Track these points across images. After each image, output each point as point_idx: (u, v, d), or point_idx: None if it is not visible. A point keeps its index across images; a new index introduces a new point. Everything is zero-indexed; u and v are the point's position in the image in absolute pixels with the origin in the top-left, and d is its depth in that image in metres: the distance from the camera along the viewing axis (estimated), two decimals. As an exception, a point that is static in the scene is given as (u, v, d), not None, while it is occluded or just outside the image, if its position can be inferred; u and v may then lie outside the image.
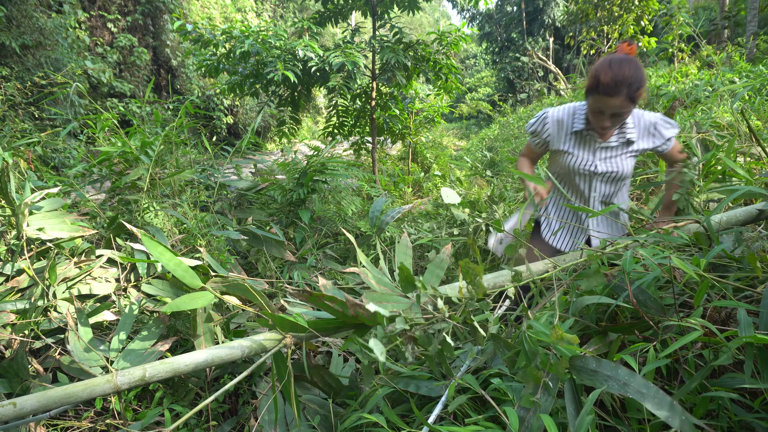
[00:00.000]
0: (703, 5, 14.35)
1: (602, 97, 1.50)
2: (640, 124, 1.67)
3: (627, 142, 1.66)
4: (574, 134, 1.71)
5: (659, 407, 0.70)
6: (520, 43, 20.42)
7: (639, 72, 1.49)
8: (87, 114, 7.30)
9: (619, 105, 1.49)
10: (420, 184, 6.46)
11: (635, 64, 1.50)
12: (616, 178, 1.70)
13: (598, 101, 1.52)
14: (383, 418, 1.05)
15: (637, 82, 1.48)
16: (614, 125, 1.59)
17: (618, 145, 1.67)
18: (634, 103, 1.52)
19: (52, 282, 1.75)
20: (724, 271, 1.02)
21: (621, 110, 1.52)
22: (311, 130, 17.53)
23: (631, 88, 1.47)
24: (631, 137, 1.64)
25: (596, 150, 1.69)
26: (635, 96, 1.49)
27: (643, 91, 1.51)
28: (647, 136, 1.66)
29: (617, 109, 1.51)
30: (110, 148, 2.42)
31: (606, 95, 1.49)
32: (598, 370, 0.79)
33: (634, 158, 1.70)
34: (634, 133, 1.65)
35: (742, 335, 0.75)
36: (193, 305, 1.21)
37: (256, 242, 2.69)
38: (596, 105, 1.54)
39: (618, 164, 1.67)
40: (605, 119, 1.56)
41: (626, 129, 1.65)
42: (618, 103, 1.49)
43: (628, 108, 1.51)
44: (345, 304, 1.11)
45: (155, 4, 10.98)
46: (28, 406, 0.94)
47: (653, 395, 0.72)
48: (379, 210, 2.32)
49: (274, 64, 4.30)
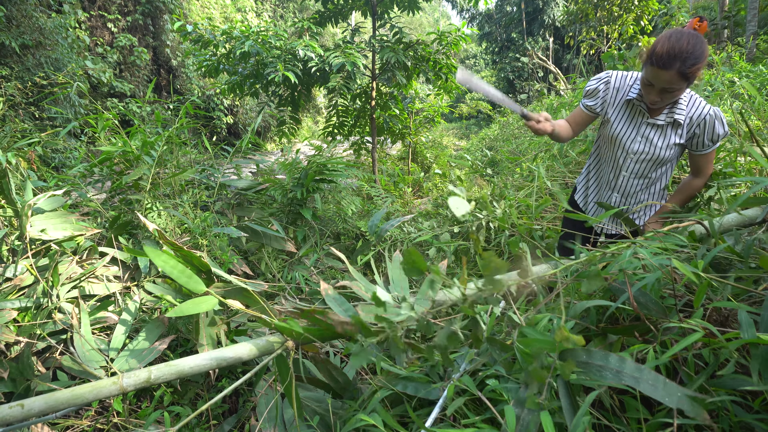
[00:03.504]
0: (703, 5, 14.35)
1: (654, 69, 1.42)
2: (692, 110, 1.54)
3: (674, 123, 1.56)
4: (626, 103, 1.63)
5: (654, 390, 0.70)
6: (520, 43, 20.42)
7: (698, 48, 1.38)
8: (87, 114, 7.30)
9: (669, 80, 1.40)
10: (420, 184, 6.46)
11: (697, 39, 1.39)
12: (649, 160, 1.61)
13: (649, 72, 1.44)
14: (380, 420, 1.05)
15: (693, 58, 1.37)
16: (664, 102, 1.50)
17: (664, 125, 1.57)
18: (688, 81, 1.42)
19: (55, 283, 1.75)
20: (724, 272, 1.03)
21: (671, 86, 1.42)
22: (311, 130, 17.53)
23: (685, 64, 1.37)
24: (679, 118, 1.53)
25: (640, 125, 1.60)
26: (688, 73, 1.38)
27: (699, 70, 1.40)
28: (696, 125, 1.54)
29: (667, 84, 1.42)
30: (111, 148, 2.42)
31: (658, 67, 1.40)
32: (590, 361, 0.78)
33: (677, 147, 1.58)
34: (683, 115, 1.53)
35: (744, 336, 0.75)
36: (197, 310, 1.21)
37: (257, 238, 2.69)
38: (648, 76, 1.46)
39: (656, 149, 1.58)
40: (654, 93, 1.47)
41: (676, 109, 1.54)
42: (668, 77, 1.40)
43: (679, 85, 1.42)
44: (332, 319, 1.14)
45: (155, 4, 10.98)
46: (36, 407, 0.94)
47: (647, 378, 0.71)
48: (378, 220, 2.33)
49: (275, 65, 4.31)
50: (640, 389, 0.72)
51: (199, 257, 1.36)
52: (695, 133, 1.55)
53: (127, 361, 1.61)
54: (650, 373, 0.72)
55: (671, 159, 1.62)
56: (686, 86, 1.45)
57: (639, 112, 1.61)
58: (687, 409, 0.68)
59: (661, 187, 1.71)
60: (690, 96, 1.56)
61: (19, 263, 1.83)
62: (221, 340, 1.66)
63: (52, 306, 1.73)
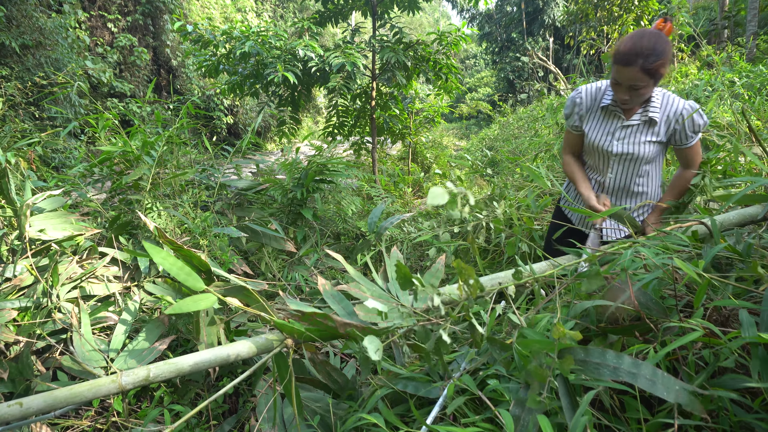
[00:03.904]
0: (703, 5, 14.35)
1: (618, 67, 1.48)
2: (667, 107, 1.58)
3: (649, 121, 1.60)
4: (602, 109, 1.68)
5: (652, 385, 0.70)
6: (520, 43, 20.43)
7: (659, 45, 1.44)
8: (87, 114, 7.30)
9: (633, 76, 1.46)
10: (420, 184, 6.47)
11: (658, 37, 1.45)
12: (632, 159, 1.64)
13: (615, 71, 1.50)
14: (382, 419, 1.05)
15: (654, 55, 1.43)
16: (633, 100, 1.54)
17: (639, 124, 1.61)
18: (653, 78, 1.46)
19: (55, 284, 1.75)
20: (725, 271, 1.02)
21: (636, 83, 1.47)
22: (311, 130, 17.53)
23: (647, 60, 1.43)
24: (653, 116, 1.57)
25: (617, 129, 1.64)
26: (652, 68, 1.44)
27: (662, 66, 1.45)
28: (673, 121, 1.58)
29: (632, 81, 1.47)
30: (111, 148, 2.42)
31: (621, 65, 1.47)
32: (587, 358, 0.78)
33: (657, 144, 1.61)
34: (657, 113, 1.57)
35: (745, 335, 0.75)
36: (196, 307, 1.21)
37: (257, 238, 2.69)
38: (614, 75, 1.51)
39: (635, 147, 1.61)
40: (622, 91, 1.52)
41: (650, 107, 1.58)
42: (632, 74, 1.45)
43: (644, 81, 1.47)
44: (334, 321, 1.14)
45: (155, 4, 10.98)
46: (35, 405, 0.94)
47: (644, 373, 0.71)
48: (377, 217, 2.34)
49: (274, 65, 4.31)
50: (638, 384, 0.71)
51: (199, 256, 1.36)
52: (675, 129, 1.58)
53: (126, 362, 1.61)
54: (648, 367, 0.72)
55: (654, 157, 1.64)
56: (653, 83, 1.49)
57: (615, 115, 1.66)
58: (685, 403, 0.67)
59: (654, 184, 1.72)
60: (663, 94, 1.60)
61: (18, 263, 1.83)
62: (221, 340, 1.66)
63: (51, 306, 1.73)
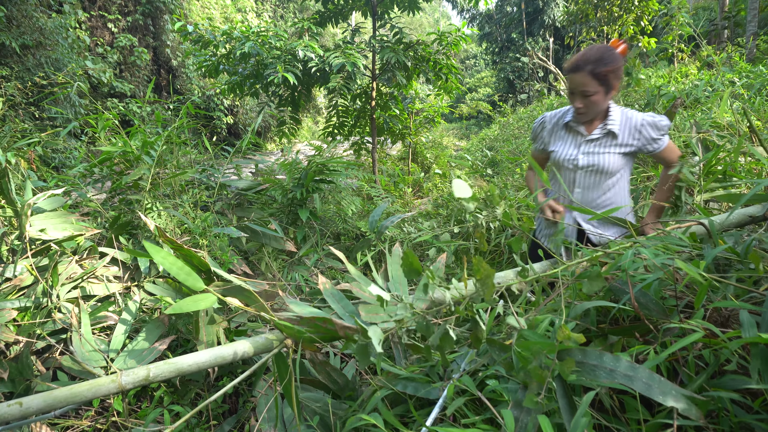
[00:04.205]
0: (703, 5, 14.35)
1: (570, 76, 1.60)
2: (625, 121, 1.67)
3: (609, 133, 1.68)
4: (564, 127, 1.77)
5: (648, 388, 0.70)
6: (520, 43, 20.43)
7: (606, 54, 1.56)
8: (87, 114, 7.30)
9: (582, 82, 1.56)
10: (420, 184, 6.46)
11: (606, 49, 1.57)
12: (598, 171, 1.69)
13: (568, 81, 1.62)
14: (381, 420, 1.05)
15: (601, 61, 1.54)
16: (589, 109, 1.63)
17: (601, 137, 1.69)
18: (602, 84, 1.56)
19: (55, 284, 1.75)
20: (725, 272, 1.02)
21: (586, 88, 1.57)
22: (311, 130, 17.53)
23: (595, 65, 1.54)
24: (612, 129, 1.66)
25: (581, 144, 1.73)
26: (599, 73, 1.54)
27: (611, 73, 1.55)
28: (634, 134, 1.66)
29: (582, 87, 1.57)
30: (111, 148, 2.42)
31: (572, 72, 1.59)
32: (585, 360, 0.78)
33: (621, 156, 1.68)
34: (617, 126, 1.66)
35: (745, 336, 0.75)
36: (195, 307, 1.21)
37: (257, 238, 2.69)
38: (568, 85, 1.63)
39: (600, 158, 1.68)
40: (576, 99, 1.63)
41: (608, 121, 1.67)
42: (581, 79, 1.56)
43: (594, 87, 1.56)
44: (334, 324, 1.14)
45: (155, 5, 10.98)
46: (34, 405, 0.94)
47: (641, 376, 0.71)
48: (379, 216, 2.34)
49: (275, 66, 4.31)
50: (634, 388, 0.71)
51: (199, 256, 1.36)
52: (640, 141, 1.66)
53: (126, 362, 1.61)
54: (644, 371, 0.72)
55: (619, 168, 1.70)
56: (604, 91, 1.59)
57: (577, 132, 1.75)
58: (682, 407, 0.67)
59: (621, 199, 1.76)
60: (622, 110, 1.70)
61: (18, 263, 1.83)
62: (221, 340, 1.66)
63: (51, 306, 1.73)
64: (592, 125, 1.71)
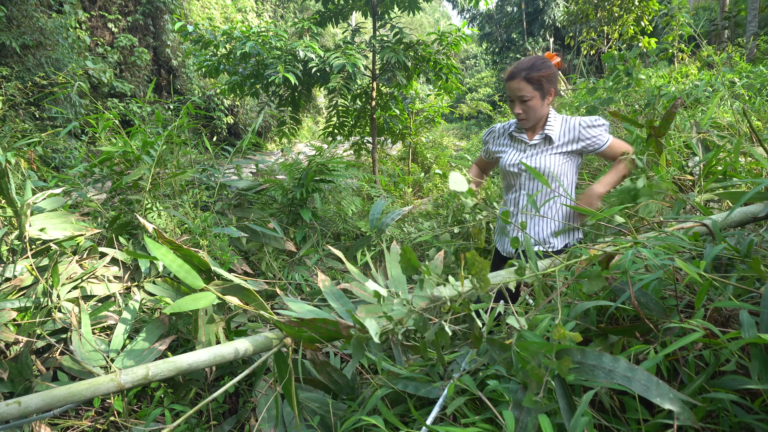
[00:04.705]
0: (703, 5, 14.35)
1: (507, 84, 1.73)
2: (563, 125, 1.77)
3: (547, 138, 1.77)
4: (509, 136, 1.89)
5: (646, 390, 0.70)
6: (521, 43, 20.43)
7: (538, 61, 1.69)
8: (88, 114, 7.30)
9: (518, 87, 1.68)
10: (420, 185, 6.46)
11: (538, 57, 1.71)
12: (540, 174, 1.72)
13: (507, 90, 1.74)
14: (381, 420, 1.05)
15: (534, 67, 1.67)
16: (528, 115, 1.73)
17: (540, 142, 1.79)
18: (537, 89, 1.68)
19: (55, 284, 1.75)
20: (726, 271, 1.02)
21: (522, 93, 1.68)
22: (311, 130, 17.53)
23: (529, 71, 1.67)
24: (549, 133, 1.75)
25: (524, 149, 1.83)
26: (532, 77, 1.66)
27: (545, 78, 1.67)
28: (572, 136, 1.75)
29: (519, 92, 1.69)
30: (111, 148, 2.42)
31: (508, 80, 1.72)
32: (583, 360, 0.79)
33: (561, 156, 1.76)
34: (554, 130, 1.76)
35: (745, 336, 0.75)
36: (195, 306, 1.21)
37: (257, 238, 2.69)
38: (507, 93, 1.75)
39: (541, 161, 1.77)
40: (515, 106, 1.74)
41: (546, 126, 1.77)
42: (516, 85, 1.68)
43: (530, 92, 1.68)
44: (337, 324, 1.14)
45: (156, 5, 10.98)
46: (33, 404, 0.94)
47: (639, 378, 0.72)
48: (379, 213, 2.34)
49: (275, 66, 4.31)
50: (633, 389, 0.71)
51: (199, 256, 1.35)
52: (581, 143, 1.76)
53: (126, 362, 1.61)
54: (643, 373, 0.72)
55: (563, 172, 1.79)
56: (540, 96, 1.70)
57: (520, 140, 1.86)
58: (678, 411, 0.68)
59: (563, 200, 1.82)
60: (562, 117, 1.80)
61: (18, 263, 1.83)
62: (220, 339, 1.66)
63: (51, 306, 1.73)
64: (534, 133, 1.82)
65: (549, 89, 1.71)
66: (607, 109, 3.56)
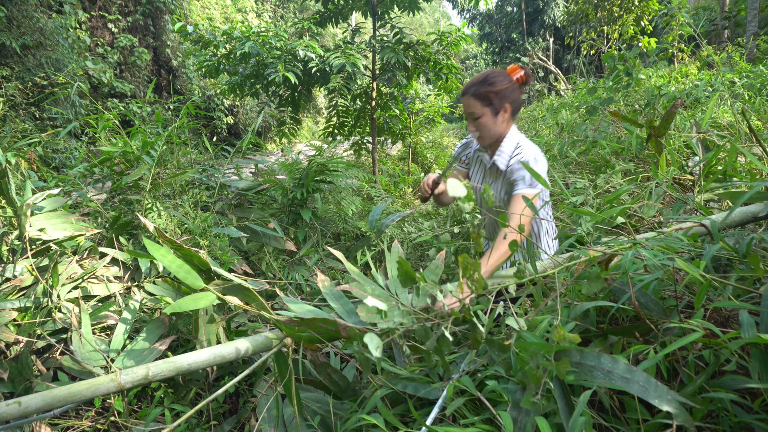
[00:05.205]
0: (703, 5, 14.35)
1: (461, 99, 1.61)
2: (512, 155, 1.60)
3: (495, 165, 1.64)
4: (475, 153, 1.78)
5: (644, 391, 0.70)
6: (521, 43, 20.44)
7: (491, 76, 1.55)
8: (88, 114, 7.30)
9: (468, 104, 1.57)
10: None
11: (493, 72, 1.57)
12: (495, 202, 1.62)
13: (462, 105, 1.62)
14: (381, 419, 1.05)
15: (485, 82, 1.54)
16: (481, 132, 1.60)
17: (491, 167, 1.68)
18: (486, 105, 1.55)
19: (55, 284, 1.75)
20: (726, 271, 1.02)
21: (472, 110, 1.57)
22: (311, 130, 17.53)
23: (478, 87, 1.54)
24: (497, 161, 1.61)
25: (483, 172, 1.74)
26: (480, 93, 1.54)
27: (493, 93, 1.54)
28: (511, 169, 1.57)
29: (469, 109, 1.57)
30: (112, 148, 2.42)
31: (462, 96, 1.60)
32: (582, 361, 0.79)
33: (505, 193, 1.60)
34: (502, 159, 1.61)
35: (745, 336, 0.75)
36: (195, 306, 1.21)
37: (257, 238, 2.69)
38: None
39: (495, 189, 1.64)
40: (470, 122, 1.61)
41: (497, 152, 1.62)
42: (467, 101, 1.57)
43: (477, 108, 1.56)
44: (336, 324, 1.14)
45: (156, 5, 10.99)
46: (33, 404, 0.94)
47: (638, 379, 0.72)
48: (378, 215, 2.35)
49: (275, 65, 4.31)
50: (631, 390, 0.72)
51: (199, 256, 1.36)
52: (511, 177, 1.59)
53: (126, 362, 1.61)
54: (641, 374, 0.72)
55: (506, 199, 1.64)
56: (491, 112, 1.56)
57: (482, 162, 1.76)
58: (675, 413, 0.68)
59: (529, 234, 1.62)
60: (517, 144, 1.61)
61: (18, 263, 1.83)
62: (221, 339, 1.66)
63: (51, 306, 1.73)
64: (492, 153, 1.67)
65: (501, 105, 1.56)
66: (607, 109, 3.56)
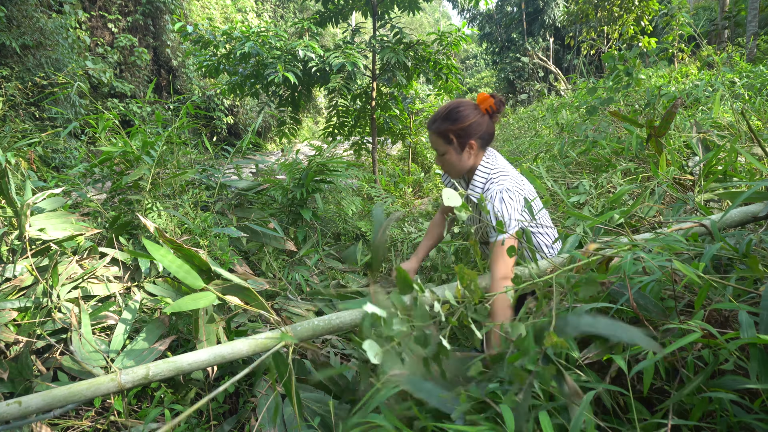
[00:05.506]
0: (703, 5, 14.35)
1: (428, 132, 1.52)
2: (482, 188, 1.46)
3: (468, 199, 1.53)
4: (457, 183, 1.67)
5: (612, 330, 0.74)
6: (521, 43, 20.43)
7: (453, 113, 1.43)
8: (88, 114, 7.30)
9: (432, 140, 1.48)
10: (420, 185, 6.46)
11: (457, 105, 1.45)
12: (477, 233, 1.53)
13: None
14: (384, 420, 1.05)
15: (447, 119, 1.43)
16: (446, 167, 1.52)
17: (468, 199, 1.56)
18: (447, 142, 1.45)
19: (55, 284, 1.75)
20: (726, 271, 1.02)
21: (436, 146, 1.49)
22: (311, 130, 17.53)
23: (440, 123, 1.45)
24: (470, 194, 1.49)
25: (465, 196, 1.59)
26: (440, 131, 1.44)
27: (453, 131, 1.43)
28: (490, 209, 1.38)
29: (433, 145, 1.49)
30: (112, 148, 2.42)
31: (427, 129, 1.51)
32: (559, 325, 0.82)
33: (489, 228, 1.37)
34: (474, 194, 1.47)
35: (744, 336, 0.75)
36: (195, 305, 1.21)
37: (257, 238, 2.70)
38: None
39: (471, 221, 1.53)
40: (436, 157, 1.54)
41: (471, 184, 1.50)
42: (431, 137, 1.48)
43: (442, 147, 1.47)
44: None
45: (156, 5, 10.99)
46: (33, 404, 0.94)
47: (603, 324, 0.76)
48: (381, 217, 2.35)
49: (275, 65, 4.31)
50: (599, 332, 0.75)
51: (199, 256, 1.36)
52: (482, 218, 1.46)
53: (126, 362, 1.61)
54: (605, 319, 0.77)
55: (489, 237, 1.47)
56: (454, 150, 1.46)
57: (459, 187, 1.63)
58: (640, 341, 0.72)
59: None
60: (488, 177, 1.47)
61: (18, 263, 1.83)
62: (221, 340, 1.66)
63: (51, 306, 1.73)
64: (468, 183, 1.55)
65: (466, 143, 1.43)
66: (607, 109, 3.56)
